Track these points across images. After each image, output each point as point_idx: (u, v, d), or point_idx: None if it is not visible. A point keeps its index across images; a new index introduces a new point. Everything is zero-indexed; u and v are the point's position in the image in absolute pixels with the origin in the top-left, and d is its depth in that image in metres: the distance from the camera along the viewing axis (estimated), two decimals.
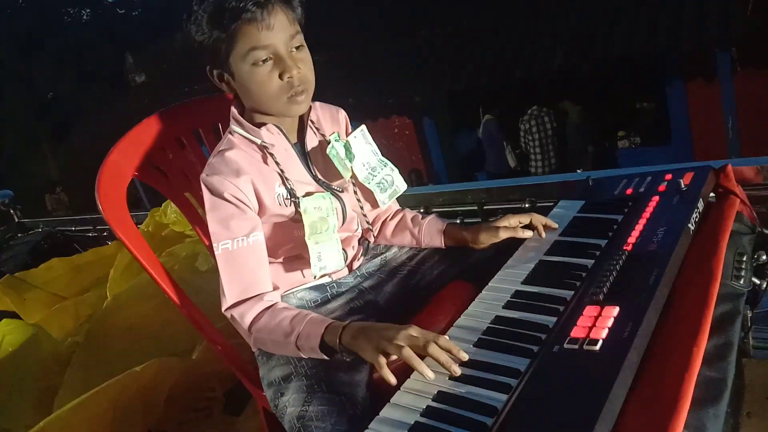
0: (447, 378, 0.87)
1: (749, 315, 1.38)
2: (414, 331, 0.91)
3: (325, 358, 0.99)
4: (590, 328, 0.87)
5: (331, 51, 7.70)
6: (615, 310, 0.89)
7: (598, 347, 0.82)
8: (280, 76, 1.05)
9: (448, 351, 0.88)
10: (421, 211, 1.93)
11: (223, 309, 1.08)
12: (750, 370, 1.51)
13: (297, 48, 1.08)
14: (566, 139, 6.03)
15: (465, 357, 0.89)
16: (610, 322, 0.87)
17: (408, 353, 0.87)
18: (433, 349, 0.87)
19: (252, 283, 1.08)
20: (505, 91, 6.36)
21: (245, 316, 1.06)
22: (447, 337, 0.92)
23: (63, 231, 3.44)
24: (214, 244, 1.07)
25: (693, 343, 0.85)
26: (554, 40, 5.92)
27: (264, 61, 1.04)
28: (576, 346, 0.84)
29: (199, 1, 1.03)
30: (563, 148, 6.03)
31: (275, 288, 1.12)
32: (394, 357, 0.90)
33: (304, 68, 1.08)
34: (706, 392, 0.82)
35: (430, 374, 0.86)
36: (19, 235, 3.52)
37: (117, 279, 2.10)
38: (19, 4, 16.35)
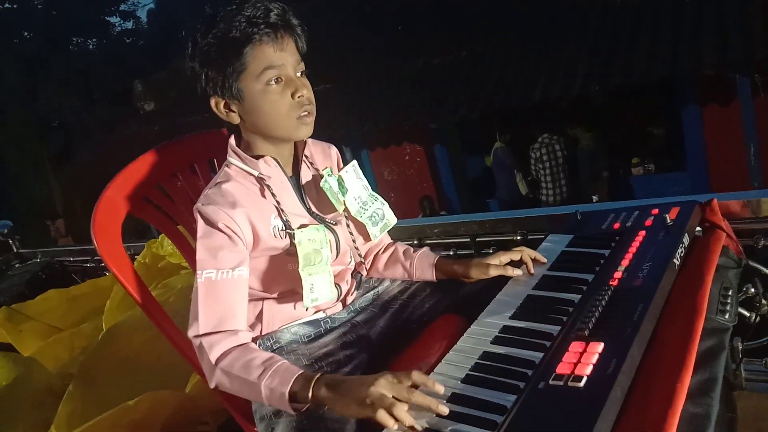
0: (434, 415, 0.88)
1: (740, 347, 1.39)
2: (385, 386, 0.88)
3: (290, 411, 0.97)
4: (575, 365, 0.88)
5: (341, 78, 7.73)
6: (600, 346, 0.90)
7: (582, 384, 0.83)
8: (292, 96, 1.10)
9: (423, 385, 0.89)
10: (415, 243, 1.95)
11: (190, 334, 1.05)
12: (742, 402, 1.51)
13: (301, 74, 1.14)
14: (579, 167, 5.95)
15: (441, 390, 0.89)
16: (594, 358, 0.88)
17: (381, 416, 0.85)
18: (413, 397, 0.87)
19: (229, 316, 1.06)
20: (516, 118, 6.29)
21: (214, 348, 1.03)
22: (419, 371, 0.91)
23: (61, 261, 3.45)
24: (198, 271, 1.07)
25: (677, 378, 0.87)
26: (569, 66, 5.77)
27: (276, 81, 1.09)
28: (561, 383, 0.85)
29: (204, 32, 1.07)
30: (575, 175, 5.95)
31: (249, 330, 1.12)
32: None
33: (310, 91, 1.14)
34: (690, 428, 0.83)
35: (420, 427, 0.85)
36: (17, 265, 3.54)
37: (113, 311, 2.11)
38: (24, 36, 16.59)
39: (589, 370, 0.86)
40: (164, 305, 1.96)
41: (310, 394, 0.93)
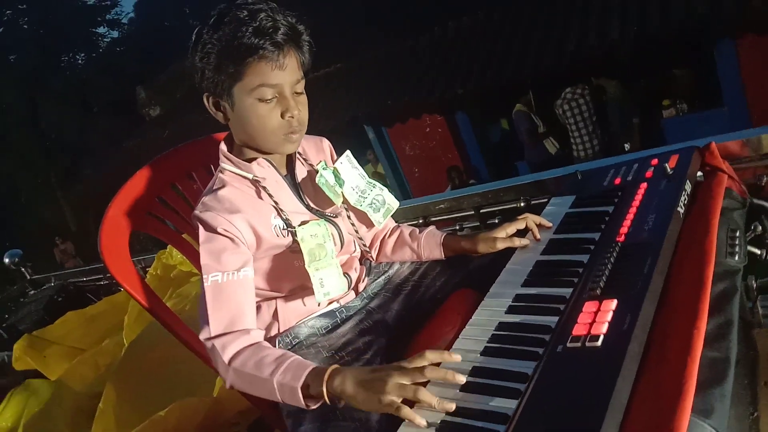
0: (458, 390, 0.89)
1: (754, 285, 1.39)
2: (399, 375, 0.88)
3: (303, 406, 0.96)
4: (591, 324, 0.89)
5: (357, 55, 7.51)
6: (613, 303, 0.91)
7: (599, 343, 0.84)
8: (282, 115, 1.09)
9: (443, 380, 0.89)
10: (420, 221, 1.96)
11: (202, 337, 1.06)
12: (763, 339, 1.52)
13: (298, 93, 1.12)
14: (608, 117, 5.67)
15: (458, 358, 0.91)
16: (609, 316, 0.89)
17: (421, 393, 0.85)
18: (429, 374, 0.88)
19: (239, 316, 1.07)
20: (537, 76, 5.97)
21: (227, 348, 1.04)
22: (431, 349, 0.91)
23: (74, 282, 3.47)
24: (204, 276, 1.07)
25: (692, 325, 0.87)
26: (587, 17, 5.49)
27: (269, 99, 1.08)
28: (578, 344, 0.86)
29: (211, 29, 1.05)
30: (605, 126, 5.67)
31: (260, 328, 1.13)
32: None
33: (303, 111, 1.13)
34: (710, 373, 0.84)
35: (451, 406, 0.85)
36: (32, 291, 3.57)
37: (131, 325, 2.13)
38: (14, 58, 16.49)
39: (604, 328, 0.86)
40: (180, 314, 2.00)
41: (324, 389, 0.93)
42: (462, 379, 0.88)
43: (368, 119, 7.25)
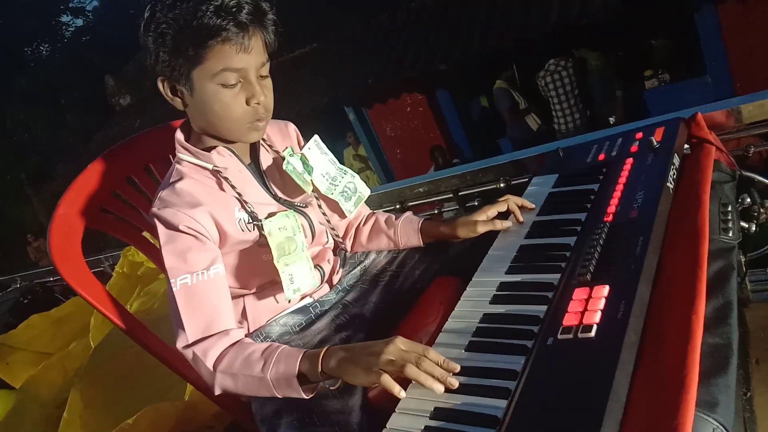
0: (442, 391, 0.82)
1: (742, 261, 1.35)
2: (402, 343, 0.86)
3: (303, 395, 0.92)
4: (582, 313, 0.82)
5: (331, 35, 7.20)
6: (605, 290, 0.85)
7: (593, 333, 0.78)
8: (247, 102, 1.01)
9: (438, 364, 0.84)
10: (397, 207, 1.88)
11: (179, 346, 0.99)
12: (752, 315, 1.48)
13: (263, 77, 1.03)
14: (591, 89, 5.53)
15: (456, 368, 0.84)
16: (601, 304, 0.82)
17: (413, 372, 0.82)
18: (426, 364, 0.83)
19: (215, 318, 0.99)
20: (521, 47, 5.79)
21: (209, 354, 0.97)
22: (434, 351, 0.87)
23: (42, 283, 3.34)
24: (172, 280, 0.99)
25: (690, 310, 0.81)
26: None
27: (233, 84, 0.99)
28: (570, 336, 0.80)
29: (166, 7, 0.94)
30: (588, 99, 5.52)
31: (240, 326, 1.06)
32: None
33: (269, 96, 1.04)
34: (713, 362, 0.78)
35: (440, 388, 0.81)
36: None
37: (99, 327, 2.03)
38: None
39: (597, 317, 0.80)
40: (149, 313, 1.91)
41: (319, 370, 0.90)
42: (457, 368, 0.83)
43: (348, 100, 7.05)
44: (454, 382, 0.81)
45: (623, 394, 0.71)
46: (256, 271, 1.13)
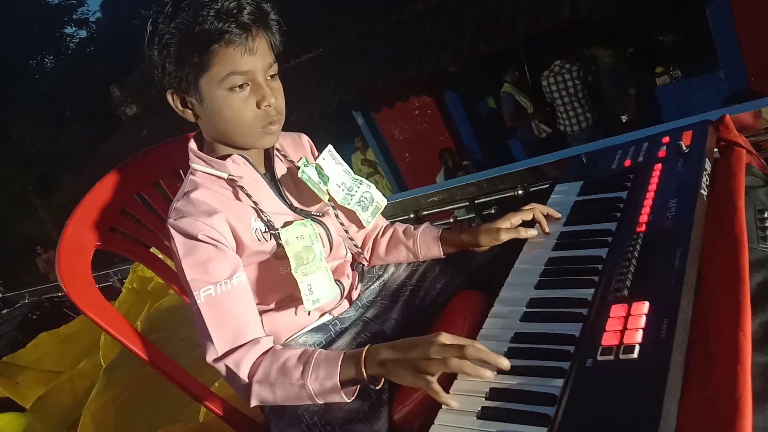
0: (475, 418, 0.78)
1: None
2: (445, 338, 0.84)
3: (345, 399, 0.90)
4: (622, 332, 0.78)
5: (337, 39, 7.13)
6: (645, 306, 0.80)
7: (636, 354, 0.73)
8: (258, 105, 0.98)
9: (486, 361, 0.82)
10: (411, 216, 1.84)
11: (209, 360, 0.96)
12: None
13: (272, 77, 1.01)
14: (602, 87, 5.41)
15: (506, 364, 0.82)
16: (642, 322, 0.78)
17: (456, 363, 0.81)
18: (472, 351, 0.82)
19: (243, 328, 0.97)
20: (530, 45, 5.68)
21: (241, 365, 0.94)
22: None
23: (50, 298, 3.31)
24: (195, 292, 0.96)
25: (737, 327, 0.77)
26: None
27: (241, 87, 0.96)
28: (611, 357, 0.75)
29: (168, 18, 0.93)
30: (599, 98, 5.39)
31: (268, 334, 1.02)
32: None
33: (279, 98, 1.01)
34: (764, 383, 0.73)
35: (491, 374, 0.81)
36: (5, 311, 3.39)
37: (109, 345, 1.99)
38: None
39: (639, 336, 0.75)
40: (159, 331, 1.87)
41: (364, 374, 0.88)
42: (507, 364, 0.82)
43: (357, 104, 7.00)
44: (506, 363, 0.81)
45: (673, 421, 0.66)
46: (274, 285, 1.09)
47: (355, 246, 1.25)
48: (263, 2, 0.97)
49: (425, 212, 1.80)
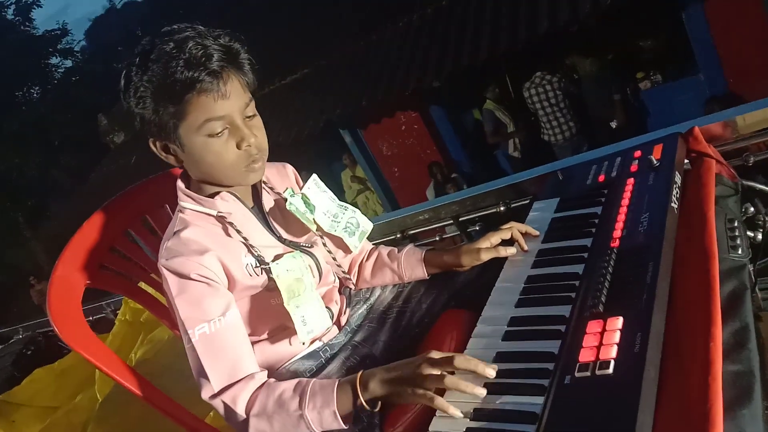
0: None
1: (752, 270, 1.33)
2: (435, 354, 0.88)
3: (343, 426, 0.91)
4: (598, 348, 0.81)
5: (323, 59, 7.20)
6: (619, 321, 0.83)
7: (611, 370, 0.76)
8: (238, 146, 1.00)
9: (467, 370, 0.86)
10: (398, 236, 1.87)
11: (205, 396, 0.98)
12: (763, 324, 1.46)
13: (249, 117, 1.02)
14: (585, 97, 5.44)
15: (491, 373, 0.85)
16: (617, 337, 0.80)
17: (453, 381, 0.84)
18: (461, 361, 0.86)
19: (238, 364, 0.99)
20: (511, 58, 5.71)
21: (238, 400, 0.96)
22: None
23: (44, 333, 3.29)
24: (189, 331, 0.97)
25: (707, 337, 0.79)
26: None
27: (219, 132, 0.98)
28: (588, 373, 0.78)
29: (140, 70, 0.94)
30: (583, 107, 5.44)
31: (262, 368, 1.04)
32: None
33: (260, 135, 1.03)
34: (735, 391, 0.76)
35: (482, 391, 0.83)
36: None
37: (104, 378, 1.99)
38: None
39: (614, 352, 0.78)
40: (153, 363, 1.88)
41: (361, 399, 0.90)
42: (492, 373, 0.85)
43: (343, 123, 7.06)
44: (492, 372, 0.85)
45: None
46: (266, 316, 1.12)
47: (343, 272, 1.28)
48: (232, 42, 0.98)
49: (411, 232, 1.83)
